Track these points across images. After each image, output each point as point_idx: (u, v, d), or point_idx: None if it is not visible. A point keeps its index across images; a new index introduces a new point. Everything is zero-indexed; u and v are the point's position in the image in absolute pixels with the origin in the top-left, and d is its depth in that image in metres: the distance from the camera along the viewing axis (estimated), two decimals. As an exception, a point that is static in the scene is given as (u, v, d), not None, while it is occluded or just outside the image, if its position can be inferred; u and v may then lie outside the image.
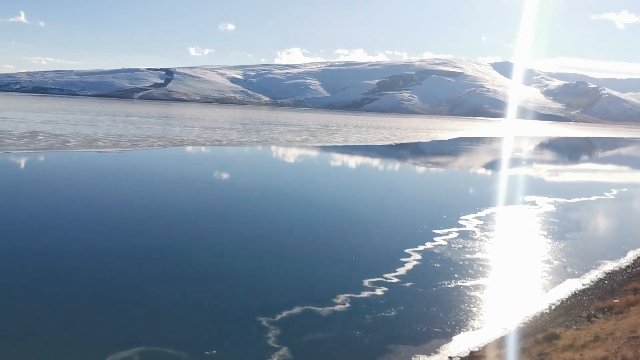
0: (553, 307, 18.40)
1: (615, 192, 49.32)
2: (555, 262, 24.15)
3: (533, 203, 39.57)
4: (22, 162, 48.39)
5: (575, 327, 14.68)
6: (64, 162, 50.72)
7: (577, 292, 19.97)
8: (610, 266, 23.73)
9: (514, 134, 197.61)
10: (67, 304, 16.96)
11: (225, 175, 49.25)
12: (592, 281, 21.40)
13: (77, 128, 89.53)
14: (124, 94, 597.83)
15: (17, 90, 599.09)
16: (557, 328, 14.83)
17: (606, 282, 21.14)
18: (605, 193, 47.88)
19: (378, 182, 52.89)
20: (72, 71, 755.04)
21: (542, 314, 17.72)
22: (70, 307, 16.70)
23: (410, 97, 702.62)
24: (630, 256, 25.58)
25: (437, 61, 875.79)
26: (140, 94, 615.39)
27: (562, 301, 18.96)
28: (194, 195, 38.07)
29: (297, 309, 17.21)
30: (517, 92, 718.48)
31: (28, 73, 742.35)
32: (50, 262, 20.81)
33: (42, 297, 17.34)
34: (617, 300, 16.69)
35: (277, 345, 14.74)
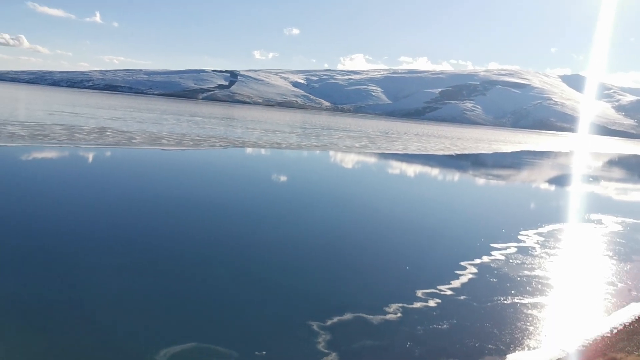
0: (615, 330, 17.63)
1: (688, 214, 46.77)
2: (620, 285, 23.15)
3: (599, 222, 38.08)
4: (90, 156, 50.42)
5: (637, 353, 14.04)
6: (129, 158, 52.52)
7: (641, 317, 19.04)
8: (679, 292, 22.52)
9: (582, 150, 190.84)
10: (114, 294, 17.52)
11: (282, 178, 49.77)
12: (658, 307, 20.37)
13: (143, 126, 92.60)
14: (189, 94, 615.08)
15: (89, 88, 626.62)
16: (618, 353, 14.22)
17: (674, 308, 20.07)
18: (677, 215, 45.49)
19: (436, 192, 52.19)
20: (141, 70, 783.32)
21: (603, 337, 17.00)
22: (133, 301, 17.26)
23: (473, 108, 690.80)
24: (702, 283, 24.19)
25: (502, 72, 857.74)
26: (205, 94, 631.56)
27: (625, 325, 18.13)
28: (251, 196, 38.65)
29: (348, 316, 17.18)
30: (586, 106, 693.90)
31: (100, 71, 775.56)
32: (117, 252, 21.55)
33: (89, 289, 17.96)
34: (685, 329, 15.85)
35: (326, 350, 14.75)
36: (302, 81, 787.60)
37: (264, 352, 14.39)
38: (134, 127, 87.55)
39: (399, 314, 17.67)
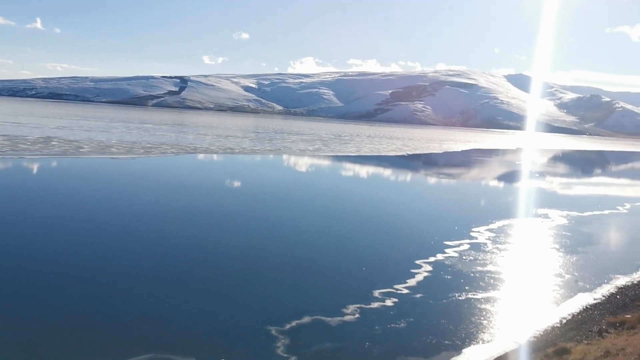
0: (564, 321, 18.27)
1: (628, 206, 48.89)
2: (567, 276, 24.00)
3: (546, 216, 39.36)
4: (35, 167, 48.91)
5: (586, 342, 14.58)
6: (77, 168, 51.21)
7: (588, 306, 19.81)
8: (622, 281, 23.51)
9: (528, 147, 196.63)
10: (68, 311, 17.10)
11: (236, 184, 49.47)
12: (603, 296, 21.22)
13: (90, 134, 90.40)
14: (138, 101, 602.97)
15: (32, 96, 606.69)
16: (567, 342, 14.74)
17: (618, 296, 20.96)
18: (618, 207, 47.49)
19: (390, 192, 52.85)
20: (87, 77, 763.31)
21: (553, 328, 17.60)
22: (73, 314, 16.85)
23: (423, 108, 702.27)
24: (644, 271, 25.32)
25: (450, 72, 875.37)
26: (155, 101, 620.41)
27: (573, 315, 18.82)
28: (204, 202, 38.27)
29: (306, 319, 17.24)
30: (531, 105, 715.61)
31: (43, 79, 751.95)
32: (56, 268, 20.99)
33: (41, 304, 17.51)
34: (629, 316, 16.57)
35: (285, 355, 14.77)
36: (253, 85, 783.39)
37: (223, 360, 14.30)
38: (82, 135, 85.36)
39: (357, 315, 17.84)
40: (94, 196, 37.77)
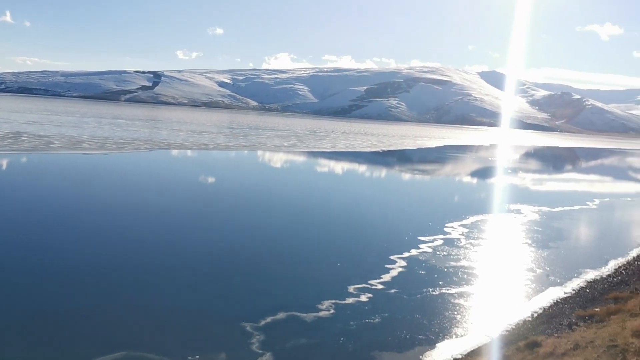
0: (535, 315, 18.58)
1: (597, 201, 49.86)
2: (539, 270, 24.39)
3: (518, 211, 39.92)
4: (4, 163, 47.90)
5: (556, 335, 14.85)
6: (48, 164, 50.32)
7: (559, 300, 20.18)
8: (591, 275, 24.00)
9: (501, 143, 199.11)
10: (44, 308, 16.83)
11: (210, 179, 49.13)
12: (574, 289, 21.63)
13: (61, 129, 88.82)
14: (111, 96, 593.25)
15: (1, 91, 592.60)
16: (538, 336, 15.00)
17: (587, 290, 21.38)
18: (587, 202, 48.40)
19: (364, 188, 53.03)
20: (57, 72, 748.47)
21: (525, 321, 17.89)
22: (47, 311, 16.59)
23: (398, 105, 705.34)
24: (611, 265, 25.89)
25: (425, 69, 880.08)
26: (128, 96, 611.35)
27: (544, 309, 19.15)
28: (177, 198, 37.94)
29: (281, 315, 17.23)
30: (504, 102, 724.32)
31: (13, 73, 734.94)
32: (28, 265, 20.62)
33: (15, 304, 17.21)
34: (597, 309, 16.91)
35: (260, 351, 14.74)
36: (228, 81, 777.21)
37: (197, 357, 14.21)
38: (52, 131, 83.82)
39: (332, 311, 17.89)
40: (65, 192, 37.16)
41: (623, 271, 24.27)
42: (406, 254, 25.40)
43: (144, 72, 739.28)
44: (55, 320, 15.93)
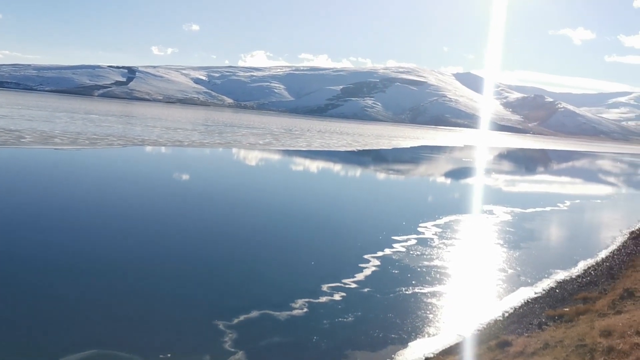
0: (506, 314, 18.83)
1: (568, 203, 50.73)
2: (510, 271, 24.71)
3: (490, 212, 40.39)
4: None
5: (526, 335, 15.05)
6: (18, 159, 49.31)
7: (529, 300, 20.48)
8: (561, 275, 24.41)
9: (475, 144, 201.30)
10: (15, 307, 16.50)
11: (184, 177, 48.69)
12: (544, 290, 21.97)
13: (33, 124, 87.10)
14: (84, 91, 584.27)
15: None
16: (509, 335, 15.19)
17: (557, 290, 21.73)
18: (558, 204, 49.21)
19: (339, 188, 53.13)
20: (29, 65, 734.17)
21: (496, 321, 18.11)
22: (17, 310, 16.27)
23: (373, 104, 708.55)
24: (581, 266, 26.37)
25: (400, 69, 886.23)
26: (101, 91, 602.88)
27: (515, 309, 19.41)
28: (150, 196, 37.54)
29: (254, 313, 17.16)
30: (478, 103, 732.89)
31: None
32: None
33: (-9, 298, 16.84)
34: (567, 309, 17.19)
35: (233, 349, 14.66)
36: (203, 78, 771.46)
37: (169, 355, 14.07)
38: (23, 125, 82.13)
39: (306, 309, 17.88)
40: (36, 187, 36.44)
41: (592, 272, 24.72)
42: (380, 254, 25.51)
43: (118, 67, 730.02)
44: (14, 322, 15.62)
